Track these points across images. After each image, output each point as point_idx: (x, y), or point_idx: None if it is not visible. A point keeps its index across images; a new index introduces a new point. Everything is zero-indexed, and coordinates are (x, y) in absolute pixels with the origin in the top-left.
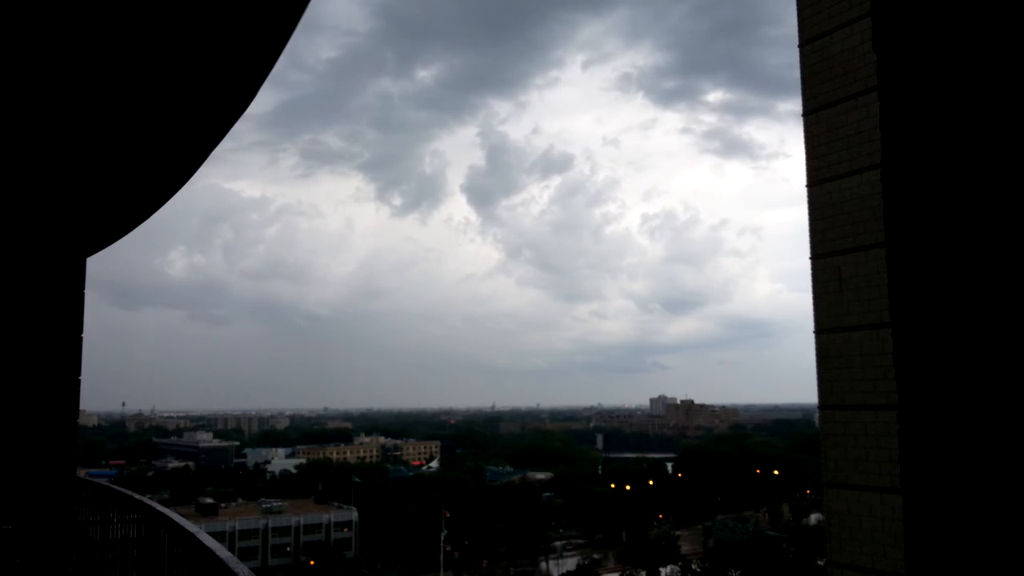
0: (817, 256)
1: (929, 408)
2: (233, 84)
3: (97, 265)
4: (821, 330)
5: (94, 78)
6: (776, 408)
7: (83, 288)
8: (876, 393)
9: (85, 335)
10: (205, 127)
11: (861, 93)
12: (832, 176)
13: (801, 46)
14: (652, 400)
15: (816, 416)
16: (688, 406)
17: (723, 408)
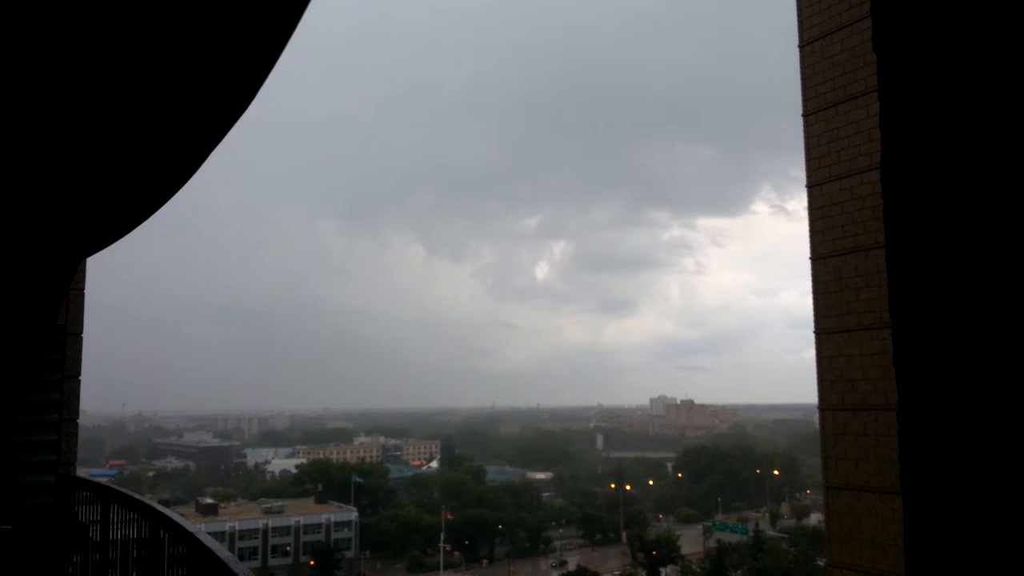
0: (817, 257)
1: (929, 409)
2: (233, 84)
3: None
4: (821, 331)
5: (94, 78)
6: (776, 408)
7: (83, 288)
8: (876, 393)
9: (85, 335)
10: (205, 127)
11: (861, 94)
12: (832, 177)
13: (801, 47)
14: (652, 400)
15: (816, 416)
16: (688, 406)
17: (723, 408)
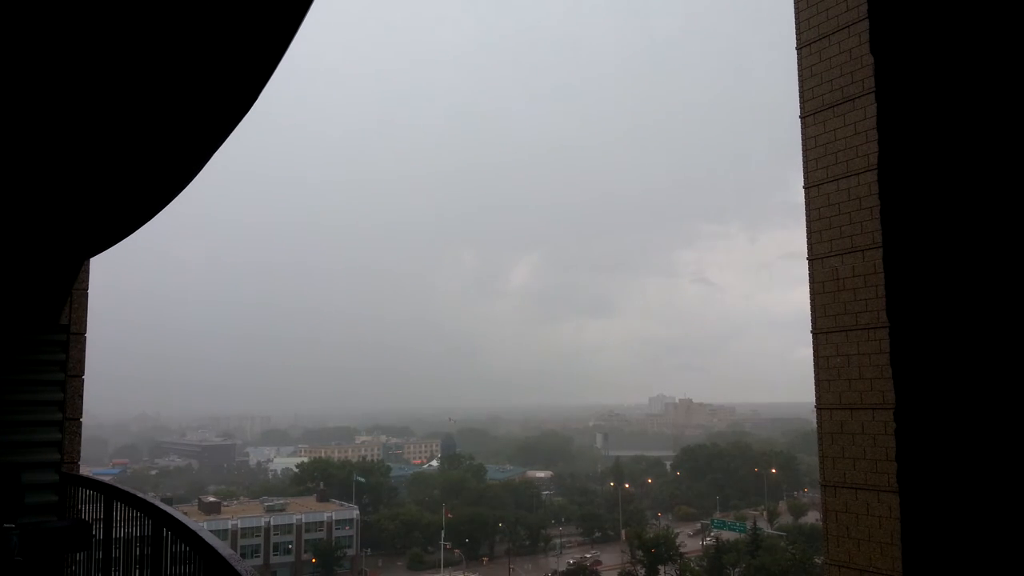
0: (814, 257)
1: (925, 407)
2: (236, 83)
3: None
4: (818, 330)
5: (96, 79)
6: (773, 407)
7: (87, 288)
8: (873, 392)
9: (88, 335)
10: (207, 130)
11: (859, 96)
12: (829, 178)
13: (799, 48)
14: (651, 399)
15: (813, 415)
16: (687, 405)
17: (720, 407)
